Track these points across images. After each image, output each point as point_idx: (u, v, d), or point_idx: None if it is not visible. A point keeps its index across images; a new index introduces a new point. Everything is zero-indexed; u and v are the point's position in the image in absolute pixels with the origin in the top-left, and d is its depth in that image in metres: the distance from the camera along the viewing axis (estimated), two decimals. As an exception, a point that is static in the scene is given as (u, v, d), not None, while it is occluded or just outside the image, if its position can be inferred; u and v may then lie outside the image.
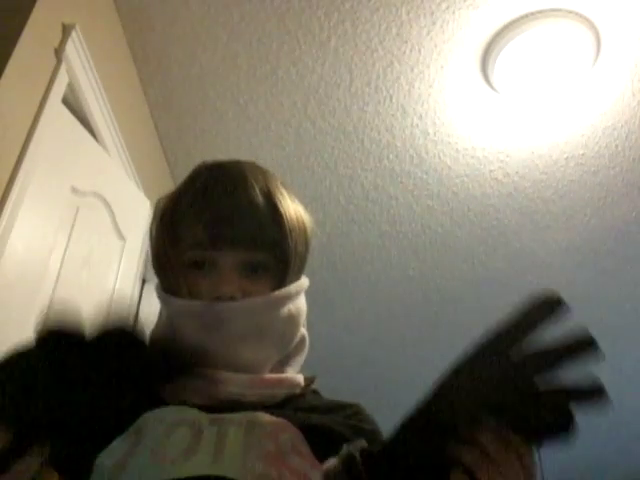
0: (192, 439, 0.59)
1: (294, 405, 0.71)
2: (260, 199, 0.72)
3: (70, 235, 1.51)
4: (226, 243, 0.70)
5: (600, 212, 2.56)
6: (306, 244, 0.77)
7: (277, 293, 0.71)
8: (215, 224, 0.71)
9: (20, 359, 0.51)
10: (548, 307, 0.52)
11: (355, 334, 3.32)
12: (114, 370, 0.54)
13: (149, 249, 0.79)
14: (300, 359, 0.77)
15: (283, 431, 0.62)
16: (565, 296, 0.51)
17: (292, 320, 0.73)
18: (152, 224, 0.78)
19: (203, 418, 0.62)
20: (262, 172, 0.77)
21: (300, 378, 0.75)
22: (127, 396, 0.57)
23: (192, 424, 0.61)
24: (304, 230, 0.76)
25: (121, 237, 1.81)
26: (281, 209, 0.73)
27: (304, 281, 0.77)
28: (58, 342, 0.51)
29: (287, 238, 0.72)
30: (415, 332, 3.33)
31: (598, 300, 3.07)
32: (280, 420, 0.63)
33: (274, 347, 0.72)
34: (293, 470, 0.58)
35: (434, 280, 2.98)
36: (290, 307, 0.73)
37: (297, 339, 0.76)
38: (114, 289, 1.74)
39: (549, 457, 4.37)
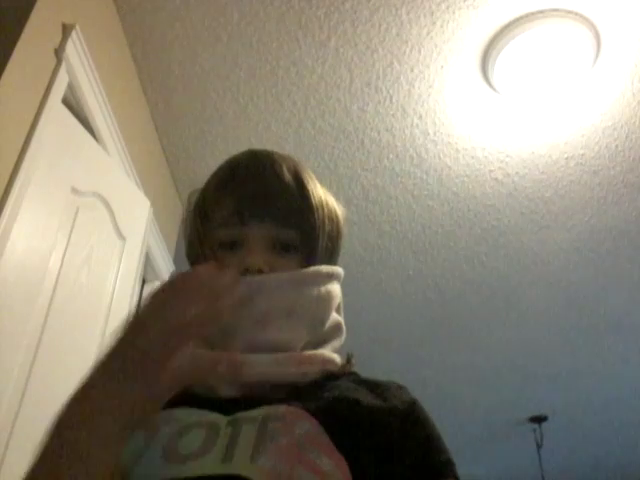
0: (206, 440, 0.59)
1: (329, 387, 0.66)
2: (288, 177, 0.74)
3: (70, 235, 1.51)
4: (254, 219, 0.71)
5: (600, 212, 2.56)
6: (337, 228, 0.77)
7: (305, 270, 0.71)
8: (243, 201, 0.72)
9: None
10: None
11: (355, 334, 3.31)
12: None
13: (184, 238, 0.80)
14: (336, 344, 0.74)
15: (300, 423, 0.59)
16: (565, 296, 0.51)
17: (322, 302, 0.71)
18: (186, 213, 0.81)
19: (221, 421, 0.61)
20: (291, 158, 0.79)
21: (335, 356, 0.71)
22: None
23: (210, 426, 0.60)
24: (334, 213, 0.77)
25: (121, 237, 1.81)
26: (308, 188, 0.74)
27: (338, 268, 0.76)
28: None
29: (314, 215, 0.73)
30: (415, 332, 3.33)
31: (598, 300, 3.07)
32: (298, 411, 0.60)
33: (303, 328, 0.69)
34: (308, 463, 0.56)
35: (434, 280, 2.98)
36: (320, 288, 0.71)
37: (330, 323, 0.73)
38: (114, 289, 1.73)
39: (549, 457, 4.38)
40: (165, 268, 2.42)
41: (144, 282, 2.31)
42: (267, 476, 0.55)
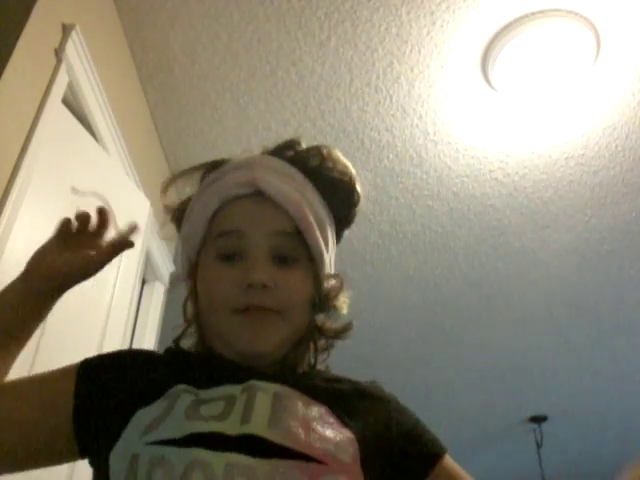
0: (226, 407, 0.62)
1: (320, 378, 0.73)
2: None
3: (70, 235, 1.51)
4: (256, 230, 0.70)
5: (600, 212, 2.56)
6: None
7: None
8: (244, 210, 0.72)
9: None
10: None
11: (354, 334, 3.31)
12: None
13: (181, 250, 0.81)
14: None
15: (311, 405, 0.65)
16: (565, 296, 0.51)
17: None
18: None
19: (236, 390, 0.65)
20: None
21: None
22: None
23: (227, 398, 0.64)
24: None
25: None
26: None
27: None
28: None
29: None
30: (415, 332, 3.33)
31: (598, 300, 3.07)
32: (306, 397, 0.66)
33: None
34: (321, 435, 0.61)
35: (434, 280, 2.98)
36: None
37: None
38: (114, 289, 1.73)
39: (549, 457, 4.38)
40: (165, 268, 2.42)
41: (144, 282, 2.31)
42: (284, 439, 0.59)
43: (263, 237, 0.70)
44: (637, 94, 2.06)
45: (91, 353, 1.71)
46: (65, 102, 1.53)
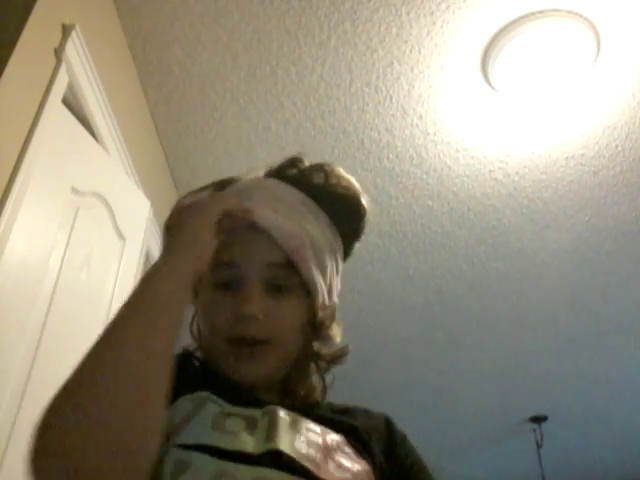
0: (247, 424, 0.64)
1: (327, 406, 0.77)
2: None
3: (70, 235, 1.51)
4: (248, 260, 0.72)
5: (600, 212, 2.56)
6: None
7: None
8: (236, 242, 0.72)
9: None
10: None
11: (354, 334, 3.31)
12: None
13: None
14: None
15: (329, 434, 0.67)
16: (565, 296, 0.51)
17: None
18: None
19: (257, 413, 0.66)
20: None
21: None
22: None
23: (248, 417, 0.65)
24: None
25: (121, 237, 1.81)
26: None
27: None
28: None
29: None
30: (415, 332, 3.33)
31: (598, 300, 3.07)
32: (323, 427, 0.68)
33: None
34: (340, 464, 0.62)
35: (434, 280, 2.98)
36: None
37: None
38: (114, 289, 1.73)
39: (549, 457, 4.38)
40: (165, 268, 2.42)
41: (144, 282, 2.31)
42: (306, 459, 0.61)
43: (256, 269, 0.72)
44: (637, 94, 2.06)
45: (91, 353, 1.70)
46: (65, 102, 1.53)
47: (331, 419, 0.71)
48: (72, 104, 1.60)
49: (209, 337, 0.74)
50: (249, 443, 0.61)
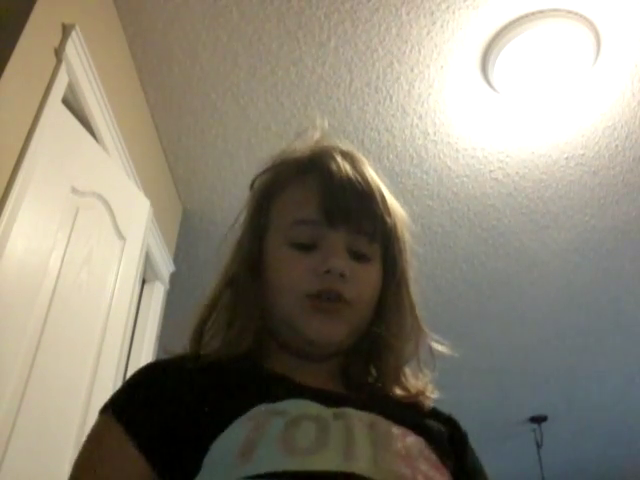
0: (319, 433, 0.57)
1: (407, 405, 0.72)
2: (375, 186, 0.72)
3: (70, 235, 1.51)
4: (342, 222, 0.69)
5: (600, 212, 2.56)
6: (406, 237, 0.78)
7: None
8: (333, 201, 0.69)
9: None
10: None
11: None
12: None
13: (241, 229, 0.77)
14: None
15: (409, 437, 0.61)
16: (565, 296, 0.51)
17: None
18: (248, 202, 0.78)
19: (326, 412, 0.60)
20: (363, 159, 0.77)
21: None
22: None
23: (316, 418, 0.59)
24: (405, 223, 0.78)
25: (121, 237, 1.81)
26: (389, 201, 0.74)
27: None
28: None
29: (398, 233, 0.74)
30: (415, 332, 3.33)
31: (598, 300, 3.07)
32: (403, 429, 0.62)
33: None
34: (424, 474, 0.56)
35: (434, 280, 2.98)
36: None
37: None
38: (114, 289, 1.73)
39: (549, 457, 4.37)
40: (165, 268, 2.42)
41: (144, 282, 2.31)
42: (393, 478, 0.54)
43: (345, 234, 0.70)
44: (637, 94, 2.06)
45: (91, 353, 1.71)
46: (65, 102, 1.53)
47: (404, 417, 0.65)
48: (72, 104, 1.60)
49: (278, 296, 0.69)
50: (325, 458, 0.54)
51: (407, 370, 0.77)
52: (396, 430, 0.61)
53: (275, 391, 0.63)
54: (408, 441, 0.60)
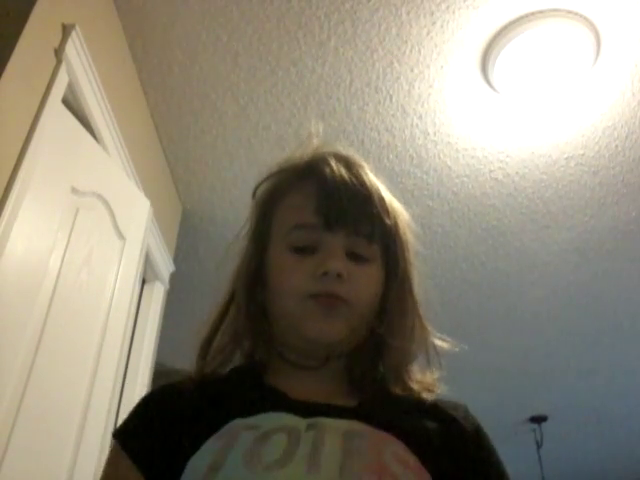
0: (289, 446, 0.58)
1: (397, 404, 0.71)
2: (373, 188, 0.73)
3: (70, 235, 1.51)
4: (339, 225, 0.70)
5: (600, 212, 2.56)
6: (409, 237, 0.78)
7: None
8: (327, 204, 0.70)
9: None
10: None
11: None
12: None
13: (249, 229, 0.78)
14: None
15: (387, 443, 0.61)
16: (565, 296, 0.51)
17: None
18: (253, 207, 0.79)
19: (301, 423, 0.61)
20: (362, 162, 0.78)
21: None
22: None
23: (290, 430, 0.60)
24: (407, 225, 0.78)
25: (121, 237, 1.81)
26: (388, 202, 0.74)
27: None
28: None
29: (399, 235, 0.74)
30: (415, 332, 3.33)
31: (598, 300, 3.07)
32: (381, 433, 0.62)
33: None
34: (394, 477, 0.57)
35: (434, 280, 2.97)
36: None
37: None
38: (114, 289, 1.73)
39: (549, 457, 4.37)
40: (165, 268, 2.43)
41: (144, 282, 2.31)
42: None
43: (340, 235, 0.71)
44: (637, 94, 2.06)
45: (91, 353, 1.71)
46: (65, 102, 1.53)
47: (392, 420, 0.65)
48: (72, 104, 1.60)
49: (281, 298, 0.71)
50: (288, 472, 0.55)
51: (413, 368, 0.77)
52: (373, 435, 0.61)
53: (258, 405, 0.64)
54: (384, 447, 0.60)
